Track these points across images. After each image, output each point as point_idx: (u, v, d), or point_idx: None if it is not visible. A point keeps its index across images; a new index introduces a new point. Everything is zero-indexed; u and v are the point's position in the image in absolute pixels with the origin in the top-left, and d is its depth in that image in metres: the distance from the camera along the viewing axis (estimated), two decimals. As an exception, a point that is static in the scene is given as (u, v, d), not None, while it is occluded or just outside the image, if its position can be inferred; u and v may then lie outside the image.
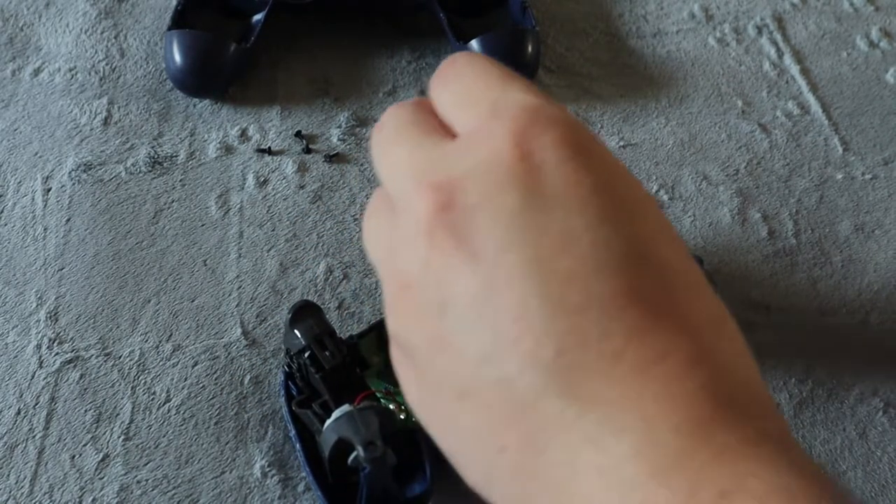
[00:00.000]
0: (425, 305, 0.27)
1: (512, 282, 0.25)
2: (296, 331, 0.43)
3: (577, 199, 0.26)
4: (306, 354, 0.43)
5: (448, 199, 0.27)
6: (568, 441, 0.25)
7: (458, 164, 0.27)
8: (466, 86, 0.30)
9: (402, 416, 0.41)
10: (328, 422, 0.40)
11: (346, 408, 0.40)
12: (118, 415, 0.45)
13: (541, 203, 0.26)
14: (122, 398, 0.46)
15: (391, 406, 0.42)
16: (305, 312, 0.44)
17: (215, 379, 0.46)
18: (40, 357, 0.47)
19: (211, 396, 0.46)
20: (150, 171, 0.54)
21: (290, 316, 0.44)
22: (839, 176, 0.55)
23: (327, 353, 0.42)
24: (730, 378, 0.26)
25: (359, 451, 0.38)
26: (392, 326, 0.28)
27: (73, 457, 0.44)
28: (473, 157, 0.27)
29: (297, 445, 0.42)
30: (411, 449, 0.41)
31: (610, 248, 0.26)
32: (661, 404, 0.24)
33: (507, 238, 0.26)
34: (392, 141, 0.30)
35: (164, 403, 0.45)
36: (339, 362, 0.42)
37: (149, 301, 0.49)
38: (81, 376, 0.46)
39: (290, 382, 0.44)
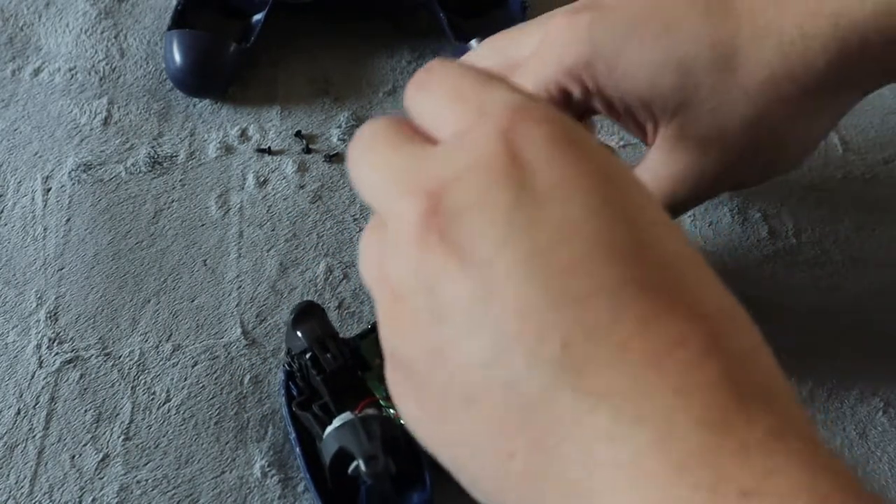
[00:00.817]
0: (420, 315, 0.26)
1: (510, 278, 0.25)
2: (298, 332, 0.43)
3: (571, 191, 0.26)
4: (307, 356, 0.42)
5: (435, 203, 0.26)
6: (580, 437, 0.24)
7: (445, 167, 0.27)
8: (449, 88, 0.29)
9: (402, 422, 0.41)
10: (329, 429, 0.40)
11: (347, 415, 0.40)
12: (118, 415, 0.45)
13: (534, 198, 0.26)
14: (122, 398, 0.46)
15: (391, 411, 0.41)
16: (308, 313, 0.44)
17: (215, 379, 0.46)
18: (40, 357, 0.47)
19: (211, 396, 0.46)
20: (150, 171, 0.54)
21: (292, 316, 0.44)
22: (839, 175, 0.55)
23: (329, 355, 0.42)
24: (747, 368, 0.25)
25: (360, 465, 0.38)
26: (388, 343, 0.28)
27: (73, 457, 0.44)
28: (461, 160, 0.27)
29: (297, 449, 0.42)
30: (411, 456, 0.41)
31: (613, 236, 0.25)
32: (680, 397, 0.24)
33: (502, 236, 0.25)
34: (369, 151, 0.29)
35: (164, 403, 0.45)
36: (341, 365, 0.42)
37: (149, 301, 0.49)
38: (81, 376, 0.46)
39: (290, 382, 0.44)
